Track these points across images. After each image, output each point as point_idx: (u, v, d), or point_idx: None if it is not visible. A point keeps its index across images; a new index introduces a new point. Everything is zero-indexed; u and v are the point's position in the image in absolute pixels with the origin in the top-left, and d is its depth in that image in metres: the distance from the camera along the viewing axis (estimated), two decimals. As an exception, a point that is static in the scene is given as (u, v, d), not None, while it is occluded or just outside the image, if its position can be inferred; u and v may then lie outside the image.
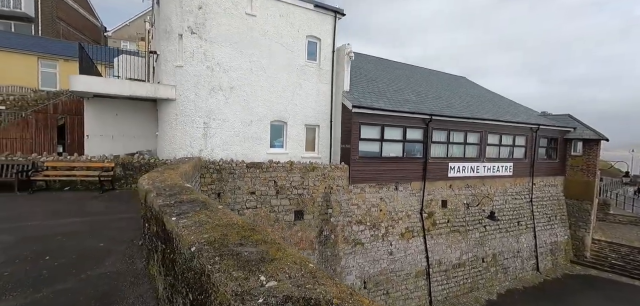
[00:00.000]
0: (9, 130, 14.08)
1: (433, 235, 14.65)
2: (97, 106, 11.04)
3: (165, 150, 10.80)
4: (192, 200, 3.48)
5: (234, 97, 11.15)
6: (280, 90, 12.11)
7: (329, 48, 13.18)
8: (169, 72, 10.59)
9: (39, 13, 24.61)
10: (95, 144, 11.04)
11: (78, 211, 7.05)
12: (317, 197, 11.85)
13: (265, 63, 11.70)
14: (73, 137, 15.88)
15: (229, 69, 11.02)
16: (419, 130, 14.28)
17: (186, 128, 10.54)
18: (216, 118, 10.88)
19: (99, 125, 11.08)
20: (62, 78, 19.21)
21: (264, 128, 11.87)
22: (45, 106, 15.14)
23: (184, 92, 10.52)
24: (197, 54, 10.51)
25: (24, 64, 18.20)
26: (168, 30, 10.50)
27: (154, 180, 4.86)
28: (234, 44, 11.05)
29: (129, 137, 11.69)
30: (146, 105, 12.02)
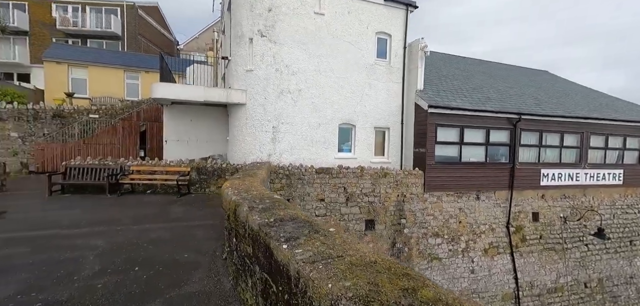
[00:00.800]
0: (101, 136, 15.60)
1: (522, 253, 12.65)
2: (174, 112, 11.54)
3: (236, 155, 10.81)
4: (293, 218, 2.89)
5: (301, 100, 10.77)
6: (349, 91, 11.44)
7: (400, 44, 12.17)
8: (240, 76, 10.58)
9: (125, 31, 27.54)
10: (173, 149, 11.55)
11: (160, 216, 7.12)
12: (389, 205, 10.89)
13: (333, 63, 11.14)
14: (152, 142, 17.14)
15: (297, 71, 10.67)
16: (504, 132, 12.48)
17: (256, 132, 10.42)
18: (284, 122, 10.59)
19: (175, 131, 11.59)
20: (143, 89, 21.05)
21: (332, 131, 11.30)
22: (130, 114, 16.55)
23: (253, 95, 10.41)
24: (267, 57, 10.34)
25: (113, 76, 20.32)
26: (239, 35, 10.51)
27: (238, 189, 4.45)
28: (302, 44, 10.68)
29: (202, 142, 12.04)
30: (217, 111, 12.29)
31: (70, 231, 5.91)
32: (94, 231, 5.87)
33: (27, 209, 7.56)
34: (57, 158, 14.39)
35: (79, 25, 26.85)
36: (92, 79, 19.91)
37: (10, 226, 6.21)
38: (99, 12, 27.24)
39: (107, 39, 27.21)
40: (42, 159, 14.04)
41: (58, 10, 26.79)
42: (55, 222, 6.49)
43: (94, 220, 6.68)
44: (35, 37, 26.83)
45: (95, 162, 10.02)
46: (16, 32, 25.70)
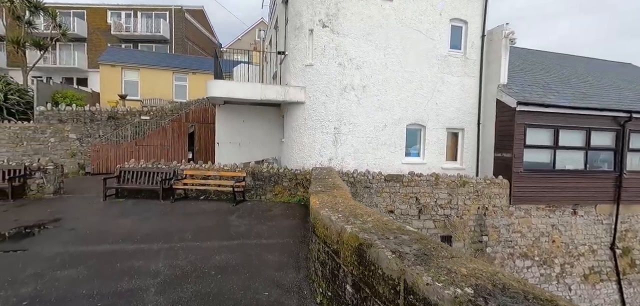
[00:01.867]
0: (152, 137, 15.48)
1: (631, 281, 10.37)
2: (227, 113, 10.85)
3: (293, 158, 9.82)
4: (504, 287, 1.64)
5: (366, 97, 9.53)
6: (418, 87, 10.01)
7: (477, 32, 10.49)
8: (298, 72, 9.58)
9: (173, 35, 28.14)
10: (225, 151, 10.86)
11: (220, 229, 6.22)
12: (469, 219, 9.29)
13: (402, 55, 9.77)
14: (200, 144, 16.83)
15: (362, 65, 9.44)
16: (608, 133, 10.31)
17: (316, 134, 9.34)
18: (347, 122, 9.41)
19: (228, 132, 10.89)
20: (191, 90, 21.05)
21: (399, 133, 9.92)
22: (179, 115, 16.34)
23: (313, 93, 9.35)
24: (329, 50, 9.23)
25: (162, 78, 20.49)
26: (298, 26, 9.51)
27: (335, 208, 3.30)
28: (367, 35, 9.44)
29: (255, 144, 11.24)
30: (271, 111, 11.43)
31: (127, 246, 5.15)
32: (152, 249, 5.06)
33: (83, 216, 7.07)
34: (111, 160, 14.43)
35: (131, 30, 27.87)
36: (143, 81, 20.21)
37: (66, 237, 5.61)
38: (149, 16, 28.09)
39: (156, 43, 27.96)
40: (98, 160, 14.12)
41: (112, 17, 28.01)
42: (111, 233, 5.81)
43: (151, 232, 5.93)
44: (91, 43, 28.28)
45: (148, 165, 9.53)
46: (76, 39, 27.17)
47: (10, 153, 13.49)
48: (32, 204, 8.21)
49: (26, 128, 13.71)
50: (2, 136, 13.28)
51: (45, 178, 9.15)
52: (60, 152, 14.36)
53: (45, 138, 14.08)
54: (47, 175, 9.17)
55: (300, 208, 8.07)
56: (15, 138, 13.54)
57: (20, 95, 13.65)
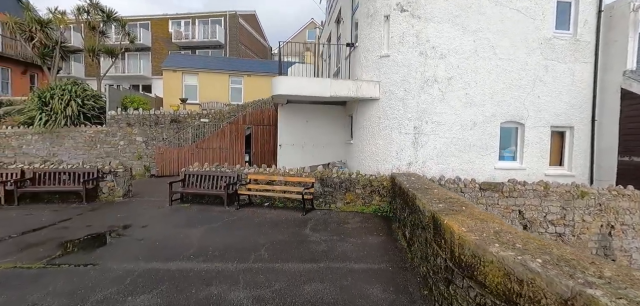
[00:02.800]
0: (211, 139, 15.47)
1: None
2: (289, 113, 10.13)
3: (364, 163, 8.73)
4: None
5: (452, 91, 8.12)
6: (515, 78, 8.33)
7: (592, 8, 8.49)
8: (370, 65, 8.48)
9: (227, 39, 28.78)
10: (287, 154, 10.14)
11: (299, 246, 5.33)
12: (588, 240, 7.40)
13: (495, 40, 8.19)
14: (257, 146, 16.53)
15: (447, 53, 8.06)
16: None
17: (392, 134, 8.15)
18: (429, 121, 8.08)
19: (290, 133, 10.17)
20: (246, 92, 21.06)
21: (491, 132, 8.34)
22: (237, 118, 16.17)
23: (389, 88, 8.18)
24: (408, 37, 7.99)
25: (219, 81, 20.75)
26: (371, 13, 8.42)
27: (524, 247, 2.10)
28: (454, 18, 8.03)
29: (319, 146, 10.38)
30: (335, 110, 10.49)
31: (200, 265, 4.45)
32: (228, 270, 4.29)
33: (151, 223, 6.68)
34: (173, 162, 14.62)
35: (190, 37, 29.06)
36: (201, 85, 20.63)
37: (136, 249, 5.12)
38: (206, 23, 29.05)
39: (212, 48, 28.81)
40: (161, 163, 14.37)
41: (173, 26, 29.46)
42: (182, 246, 5.22)
43: (222, 246, 5.23)
44: (155, 52, 30.02)
45: (212, 168, 9.10)
46: (142, 49, 29.03)
47: (86, 155, 14.24)
48: (103, 208, 8.14)
49: (99, 132, 14.38)
50: (80, 139, 14.06)
51: (116, 182, 9.15)
52: (128, 155, 14.89)
53: (116, 141, 14.66)
54: (117, 178, 9.16)
55: (379, 221, 6.95)
56: (90, 142, 14.26)
57: (95, 100, 14.38)
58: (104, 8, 15.85)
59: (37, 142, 13.58)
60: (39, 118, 12.75)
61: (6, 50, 20.37)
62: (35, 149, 13.58)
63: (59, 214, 7.37)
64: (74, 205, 8.31)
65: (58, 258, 4.72)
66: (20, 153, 13.34)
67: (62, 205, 8.28)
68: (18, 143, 13.36)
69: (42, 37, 15.15)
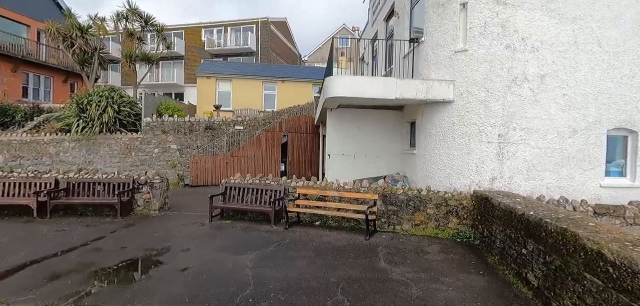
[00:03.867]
0: (246, 148, 14.67)
1: None
2: (340, 118, 9.00)
3: (433, 176, 7.41)
4: None
5: (545, 92, 6.66)
6: (627, 75, 6.75)
7: None
8: (441, 62, 7.20)
9: (259, 46, 28.41)
10: (336, 165, 8.99)
11: (383, 290, 4.11)
12: None
13: (600, 29, 6.67)
14: (293, 155, 15.56)
15: (540, 46, 6.63)
16: None
17: (470, 143, 6.79)
18: (518, 127, 6.65)
19: (340, 142, 9.02)
20: (279, 99, 20.28)
21: (596, 141, 6.76)
22: (273, 125, 15.31)
23: (467, 88, 6.86)
24: (491, 27, 6.66)
25: (253, 88, 20.12)
26: (442, 1, 7.17)
27: None
28: (547, 3, 6.61)
29: (371, 157, 9.16)
30: (389, 115, 9.25)
31: (264, 317, 3.34)
32: (303, 328, 3.14)
33: (193, 246, 5.72)
34: (208, 171, 13.90)
35: (222, 45, 29.00)
36: (234, 91, 20.10)
37: (179, 284, 4.11)
38: (238, 31, 28.89)
39: (243, 56, 28.53)
40: (196, 172, 13.69)
41: (206, 34, 29.55)
42: (235, 283, 4.15)
43: (285, 283, 4.12)
44: (187, 60, 30.19)
45: (255, 180, 8.10)
46: (175, 57, 29.28)
47: (121, 163, 13.82)
48: (139, 223, 7.32)
49: (135, 139, 13.95)
50: (116, 147, 13.68)
51: (152, 193, 8.37)
52: (162, 163, 14.35)
53: (150, 150, 14.18)
54: (153, 190, 8.38)
55: (464, 251, 5.59)
56: (126, 149, 13.85)
57: (131, 107, 14.01)
58: (142, 13, 15.65)
59: (74, 149, 13.31)
60: (77, 124, 12.45)
61: (49, 59, 20.92)
62: (72, 156, 13.31)
63: (91, 231, 6.60)
64: (108, 220, 7.56)
65: (86, 296, 3.78)
66: (57, 161, 13.11)
67: (95, 219, 7.56)
68: (56, 150, 13.14)
69: (82, 44, 15.09)
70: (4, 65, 18.62)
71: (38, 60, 20.04)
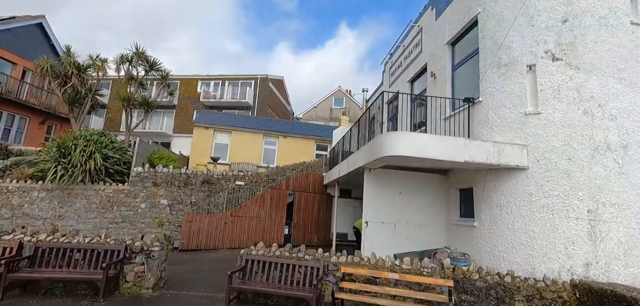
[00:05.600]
0: (248, 207, 13.02)
1: None
2: (378, 181, 7.82)
3: (504, 257, 6.18)
4: None
5: (631, 163, 5.88)
6: None
7: None
8: (509, 124, 6.42)
9: (256, 101, 27.86)
10: (376, 235, 7.59)
11: None
12: None
13: (676, 100, 6.17)
14: (299, 216, 13.98)
15: (618, 114, 6.01)
16: None
17: (555, 219, 5.73)
18: (607, 203, 5.72)
19: (379, 208, 7.73)
20: (280, 154, 19.10)
21: (691, 223, 5.88)
22: (279, 182, 13.90)
23: (545, 154, 5.99)
24: (565, 91, 6.03)
25: (252, 141, 18.94)
26: (505, 62, 6.61)
27: None
28: (619, 72, 6.14)
29: (413, 226, 7.87)
30: (431, 180, 8.19)
31: None
32: None
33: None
34: (203, 233, 11.98)
35: (218, 97, 28.23)
36: (233, 144, 18.81)
37: None
38: (236, 85, 28.46)
39: (239, 109, 27.73)
40: (188, 233, 11.73)
41: (202, 86, 28.87)
42: None
43: None
44: (179, 110, 28.99)
45: (285, 253, 6.52)
46: (167, 106, 28.05)
47: (98, 219, 11.70)
48: (130, 310, 5.44)
49: (119, 191, 12.03)
50: (95, 200, 11.65)
51: (147, 265, 6.53)
52: (147, 220, 12.34)
53: (136, 204, 12.23)
54: (150, 261, 6.55)
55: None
56: (107, 203, 11.84)
57: (121, 154, 12.28)
58: (149, 58, 14.64)
59: (43, 201, 11.15)
60: (54, 171, 10.51)
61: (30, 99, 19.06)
62: (39, 209, 11.10)
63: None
64: (85, 304, 5.61)
65: None
66: (19, 214, 10.84)
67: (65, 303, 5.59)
68: (20, 201, 10.94)
69: (76, 83, 13.63)
70: (-25, 101, 16.62)
71: (17, 99, 18.15)
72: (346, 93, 33.55)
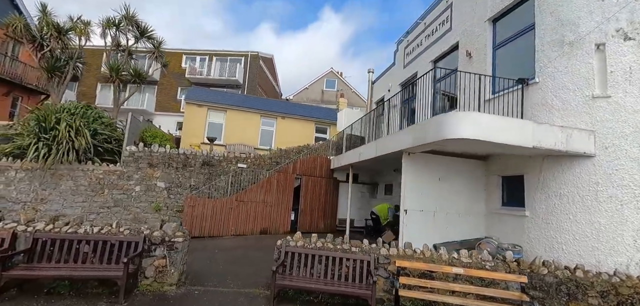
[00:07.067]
0: (253, 191, 12.12)
1: None
2: (418, 166, 7.22)
3: (563, 249, 5.84)
4: None
5: (699, 155, 5.63)
6: None
7: None
8: (573, 108, 5.98)
9: (246, 80, 26.40)
10: (414, 223, 7.04)
11: None
12: None
13: None
14: (306, 201, 13.26)
15: (691, 102, 5.70)
16: None
17: (624, 210, 5.41)
18: (678, 195, 5.45)
19: (418, 196, 7.17)
20: (278, 136, 18.10)
21: None
22: (286, 165, 13.05)
23: (614, 141, 5.62)
24: (638, 73, 5.63)
25: (249, 122, 17.78)
26: (568, 40, 6.13)
27: None
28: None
29: (453, 215, 7.40)
30: (469, 166, 7.72)
31: None
32: None
33: None
34: (206, 219, 11.01)
35: (204, 74, 26.50)
36: (228, 124, 17.56)
37: None
38: (224, 61, 26.79)
39: (228, 87, 26.17)
40: (191, 219, 10.73)
41: (188, 61, 26.91)
42: None
43: None
44: (161, 86, 26.99)
45: (329, 244, 5.82)
46: (147, 82, 25.91)
47: (87, 203, 10.42)
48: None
49: (111, 173, 10.73)
50: (83, 181, 10.31)
51: (169, 258, 5.62)
52: (143, 204, 11.18)
53: (130, 187, 11.01)
54: (173, 253, 5.65)
55: None
56: (97, 185, 10.53)
57: (110, 131, 10.90)
58: (140, 23, 12.96)
59: (22, 182, 9.69)
60: (35, 148, 9.06)
61: (-9, 66, 16.68)
62: (17, 192, 9.65)
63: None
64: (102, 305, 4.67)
65: None
66: (-6, 197, 9.36)
67: (80, 305, 4.63)
68: (-6, 181, 9.43)
69: (56, 47, 11.82)
70: None
71: (-25, 66, 15.83)
72: (338, 75, 32.65)
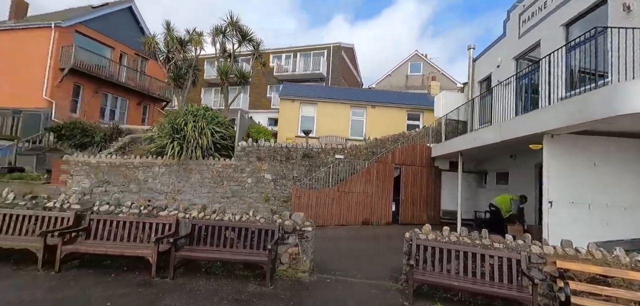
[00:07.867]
0: (354, 182, 12.08)
1: None
2: (566, 151, 6.09)
3: None
4: None
5: None
6: None
7: None
8: None
9: (330, 72, 26.72)
10: (563, 217, 5.98)
11: None
12: None
13: None
14: (406, 192, 12.71)
15: None
16: None
17: None
18: None
19: (566, 185, 6.07)
20: (369, 125, 17.81)
21: None
22: (384, 155, 12.69)
23: None
24: None
25: (339, 112, 17.89)
26: None
27: None
28: None
29: (615, 208, 6.09)
30: (630, 147, 6.18)
31: None
32: None
33: None
34: (311, 208, 11.39)
35: (289, 70, 27.71)
36: (319, 117, 17.99)
37: None
38: (308, 56, 27.54)
39: (313, 81, 26.87)
40: (298, 209, 11.21)
41: (275, 60, 28.53)
42: None
43: None
44: (253, 85, 29.19)
45: (465, 239, 5.29)
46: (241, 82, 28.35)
47: (211, 193, 11.77)
48: (304, 297, 4.76)
49: (228, 166, 11.92)
50: (207, 174, 11.69)
51: (301, 246, 5.85)
52: (255, 195, 12.12)
53: (243, 179, 12.05)
54: (303, 242, 5.87)
55: None
56: (217, 178, 11.82)
57: (225, 129, 12.10)
58: (243, 27, 14.18)
59: (164, 176, 11.48)
60: (171, 147, 10.61)
61: (128, 81, 20.36)
62: (161, 184, 11.47)
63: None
64: (252, 287, 5.07)
65: None
66: (145, 188, 11.30)
67: (233, 285, 5.10)
68: (144, 176, 11.38)
69: (179, 58, 13.78)
70: (87, 86, 18.10)
71: (118, 82, 19.47)
72: (424, 57, 30.61)
